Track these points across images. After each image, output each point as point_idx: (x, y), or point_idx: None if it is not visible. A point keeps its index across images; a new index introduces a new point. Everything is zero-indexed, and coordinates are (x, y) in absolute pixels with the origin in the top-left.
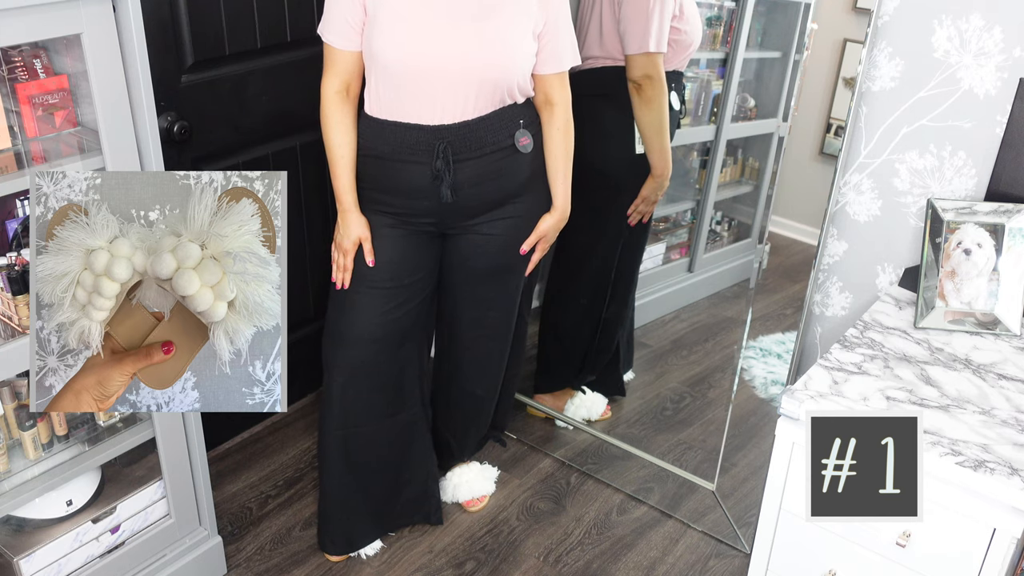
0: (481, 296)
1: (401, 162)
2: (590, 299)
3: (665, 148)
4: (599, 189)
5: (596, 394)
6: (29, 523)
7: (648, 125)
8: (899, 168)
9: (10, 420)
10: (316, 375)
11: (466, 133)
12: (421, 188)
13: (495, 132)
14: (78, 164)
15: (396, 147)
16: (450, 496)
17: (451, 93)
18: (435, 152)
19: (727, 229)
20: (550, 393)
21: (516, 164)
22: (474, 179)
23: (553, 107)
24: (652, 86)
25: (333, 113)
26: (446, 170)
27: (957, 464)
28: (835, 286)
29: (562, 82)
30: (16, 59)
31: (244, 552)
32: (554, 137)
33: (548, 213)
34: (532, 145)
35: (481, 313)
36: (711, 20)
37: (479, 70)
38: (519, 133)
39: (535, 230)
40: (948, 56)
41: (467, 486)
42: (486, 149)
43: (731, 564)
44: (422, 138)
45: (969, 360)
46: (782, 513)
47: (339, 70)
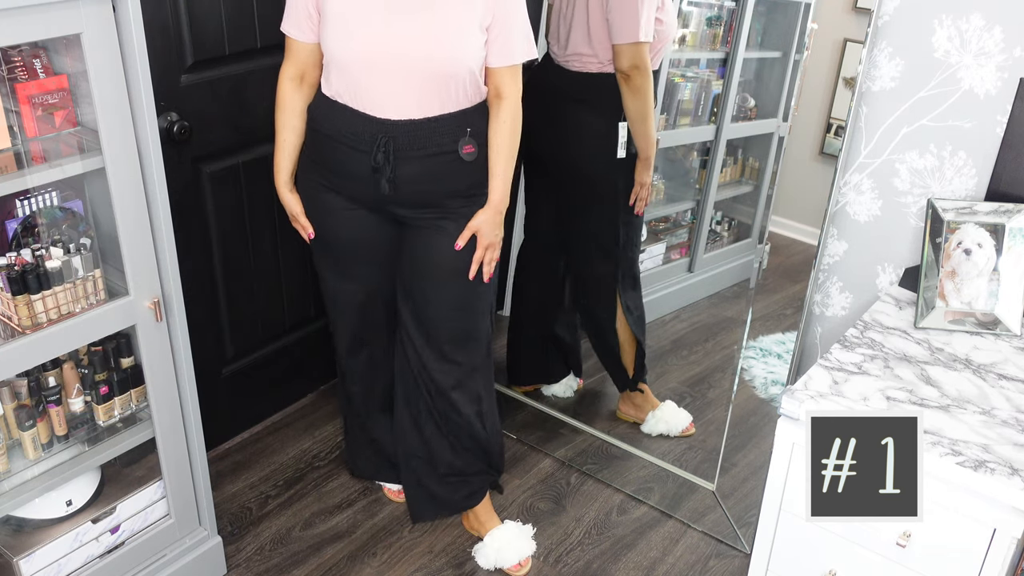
0: (435, 298)
1: (343, 146)
2: (599, 296)
3: (649, 133)
4: (583, 192)
5: (682, 410)
6: (29, 523)
7: (635, 112)
8: (899, 168)
9: (10, 420)
10: (316, 375)
11: (411, 131)
12: (359, 175)
13: (440, 135)
14: (78, 164)
15: (341, 130)
16: (492, 562)
17: (393, 86)
18: (377, 144)
19: (727, 229)
20: (628, 399)
21: (459, 170)
22: (414, 177)
23: (502, 101)
24: (640, 75)
25: (285, 97)
26: (386, 164)
27: (957, 464)
28: (835, 286)
29: (513, 76)
30: (16, 59)
31: (244, 552)
32: (499, 130)
33: (482, 208)
34: (476, 155)
35: (436, 311)
36: (711, 20)
37: (416, 63)
38: (464, 141)
39: (468, 224)
40: (948, 56)
41: (510, 549)
42: (429, 150)
43: (731, 564)
44: (367, 128)
45: (969, 360)
46: (782, 513)
47: (295, 60)
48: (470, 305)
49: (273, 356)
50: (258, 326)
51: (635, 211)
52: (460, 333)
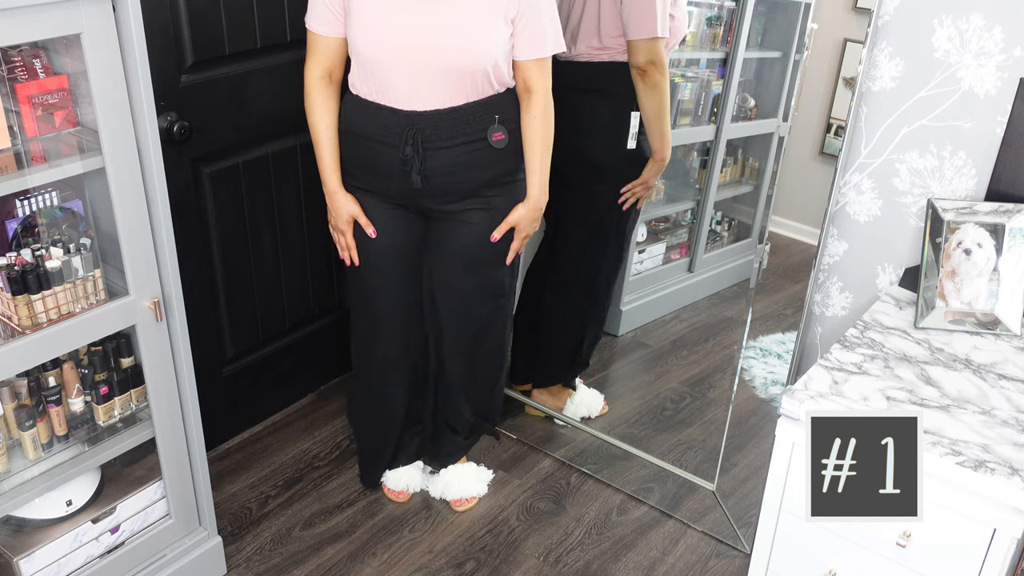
0: (461, 285)
1: (374, 143)
2: (584, 294)
3: (666, 131)
4: (592, 183)
5: (593, 391)
6: (29, 523)
7: (651, 108)
8: (899, 168)
9: (10, 420)
10: (316, 375)
11: (438, 122)
12: (391, 171)
13: (468, 123)
14: (78, 164)
15: (370, 127)
16: (439, 493)
17: (418, 79)
18: (404, 137)
19: (727, 229)
20: (547, 390)
21: (489, 157)
22: (445, 168)
23: (532, 94)
24: (657, 71)
25: (316, 96)
26: (415, 156)
27: (957, 464)
28: (835, 286)
29: (542, 69)
30: (16, 59)
31: (244, 552)
32: (532, 125)
33: (521, 203)
34: (507, 141)
35: (457, 302)
36: (711, 20)
37: (441, 56)
38: (492, 128)
39: (506, 219)
40: (948, 56)
41: (458, 485)
42: (457, 140)
43: (731, 564)
44: (394, 122)
45: (969, 360)
46: (782, 513)
47: (321, 56)
48: (489, 293)
49: (273, 356)
50: (258, 326)
51: (622, 203)
52: (485, 316)
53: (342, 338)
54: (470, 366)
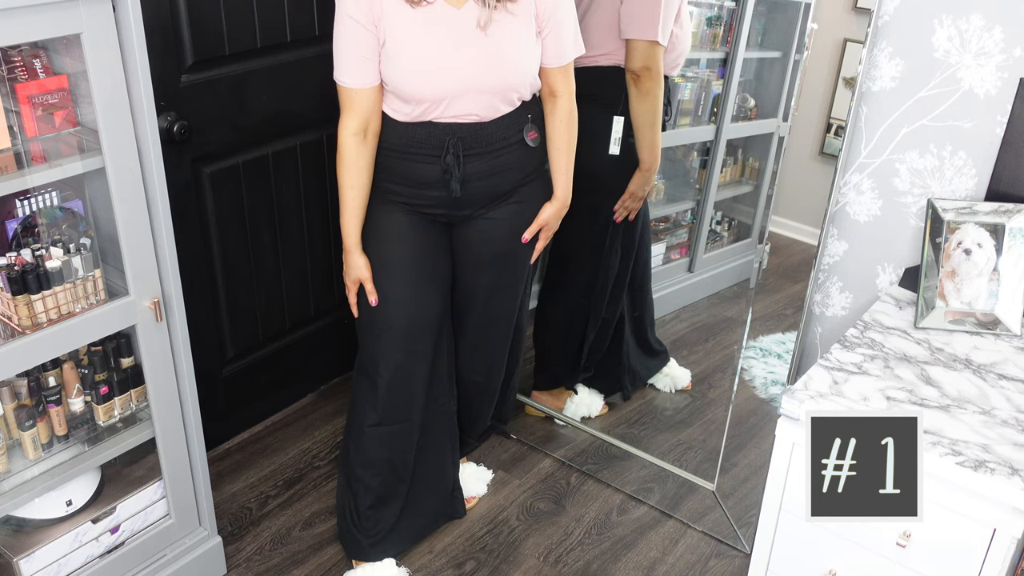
0: (484, 283)
1: (412, 154)
2: (583, 296)
3: (656, 142)
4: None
5: (593, 392)
6: (29, 523)
7: (642, 115)
8: (899, 168)
9: (10, 420)
10: (316, 375)
11: (477, 131)
12: (431, 181)
13: (505, 129)
14: (78, 164)
15: (408, 141)
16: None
17: (461, 100)
18: (446, 148)
19: (727, 229)
20: (548, 391)
21: (524, 157)
22: (483, 172)
23: (556, 98)
24: (651, 77)
25: (350, 155)
26: (456, 165)
27: (957, 464)
28: (835, 286)
29: (566, 74)
30: (16, 59)
31: (244, 552)
32: (557, 128)
33: (549, 202)
34: (540, 138)
35: (484, 301)
36: (711, 20)
37: (488, 82)
38: (527, 127)
39: (536, 219)
40: (948, 56)
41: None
42: (495, 145)
43: (731, 564)
44: (434, 134)
45: (969, 360)
46: (782, 513)
47: (357, 109)
48: (515, 291)
49: (273, 356)
50: (258, 326)
51: (614, 217)
52: (508, 310)
53: (342, 338)
54: (489, 363)
